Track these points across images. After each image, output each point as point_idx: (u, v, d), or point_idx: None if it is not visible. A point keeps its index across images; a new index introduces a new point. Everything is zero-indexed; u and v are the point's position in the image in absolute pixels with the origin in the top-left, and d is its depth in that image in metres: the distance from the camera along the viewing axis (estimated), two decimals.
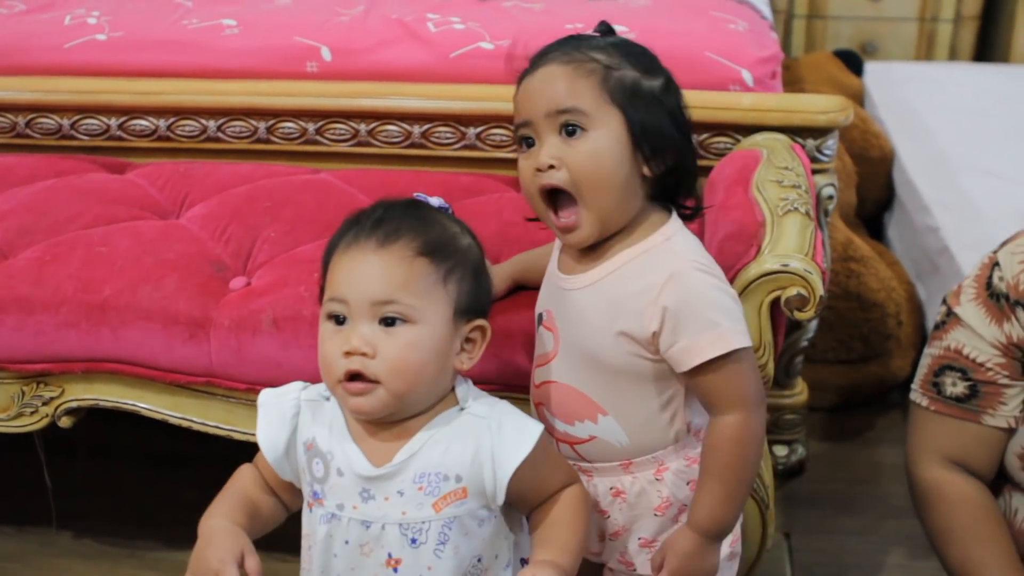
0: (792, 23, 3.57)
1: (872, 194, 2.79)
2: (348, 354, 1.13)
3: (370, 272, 1.13)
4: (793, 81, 3.00)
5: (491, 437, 1.17)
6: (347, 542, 1.19)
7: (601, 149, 1.19)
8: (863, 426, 2.30)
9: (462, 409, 1.20)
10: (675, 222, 1.27)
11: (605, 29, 1.30)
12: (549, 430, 1.32)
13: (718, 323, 1.20)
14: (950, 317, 1.46)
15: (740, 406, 1.22)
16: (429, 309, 1.14)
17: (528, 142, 1.23)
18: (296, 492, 1.27)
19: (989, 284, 1.43)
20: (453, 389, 1.22)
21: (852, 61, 3.25)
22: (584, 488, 1.26)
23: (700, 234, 1.60)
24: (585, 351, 1.27)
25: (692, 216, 1.30)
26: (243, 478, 1.29)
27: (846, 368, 2.32)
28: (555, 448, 1.32)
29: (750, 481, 1.27)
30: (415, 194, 1.25)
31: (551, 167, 1.20)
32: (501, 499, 1.18)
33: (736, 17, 2.15)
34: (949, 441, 1.47)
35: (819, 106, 1.83)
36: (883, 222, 2.88)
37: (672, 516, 1.32)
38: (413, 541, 1.17)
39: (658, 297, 1.20)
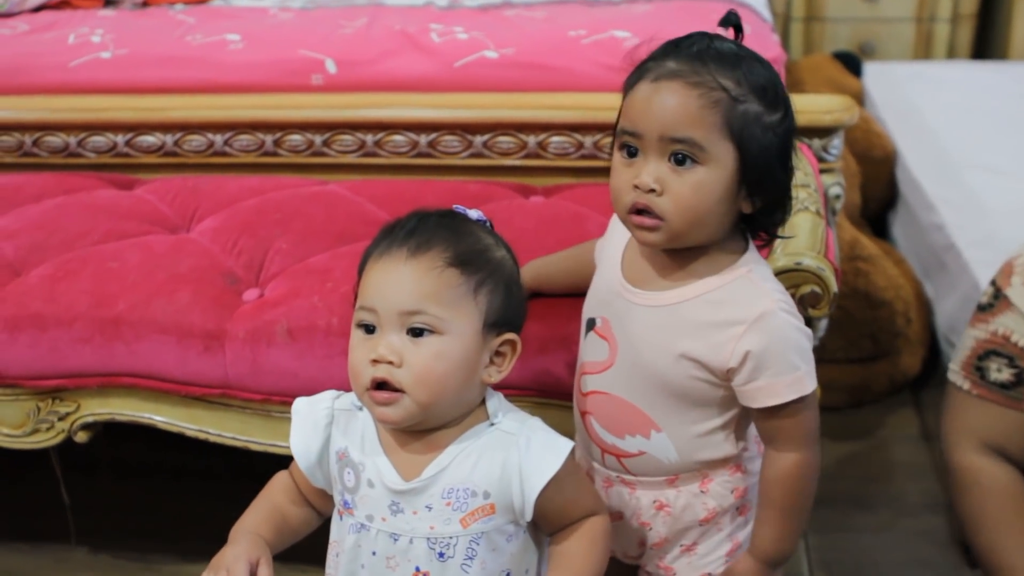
0: (790, 25, 3.58)
1: (876, 194, 2.79)
2: (375, 362, 1.12)
3: (399, 282, 1.13)
4: (793, 84, 3.01)
5: (519, 454, 1.16)
6: (374, 553, 1.19)
7: (707, 186, 1.15)
8: (875, 425, 2.31)
9: (492, 424, 1.19)
10: (753, 249, 1.25)
11: (734, 22, 1.22)
12: (595, 440, 1.32)
13: (797, 367, 1.19)
14: (999, 299, 1.41)
15: (803, 445, 1.24)
16: (458, 320, 1.13)
17: (630, 150, 1.18)
18: (329, 498, 1.27)
19: None
20: (484, 403, 1.21)
21: (851, 62, 3.26)
22: (607, 520, 1.25)
23: None
24: (647, 368, 1.24)
25: (767, 243, 1.27)
26: (276, 489, 1.29)
27: (856, 367, 2.32)
28: (584, 472, 1.31)
29: (808, 511, 1.28)
30: (454, 206, 1.23)
31: (652, 190, 1.15)
32: (529, 516, 1.17)
33: None
34: (989, 427, 1.44)
35: (824, 106, 1.84)
36: (887, 221, 2.88)
37: (715, 523, 1.32)
38: (441, 555, 1.17)
39: (743, 336, 1.18)
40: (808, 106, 1.84)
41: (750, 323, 1.18)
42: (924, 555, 1.91)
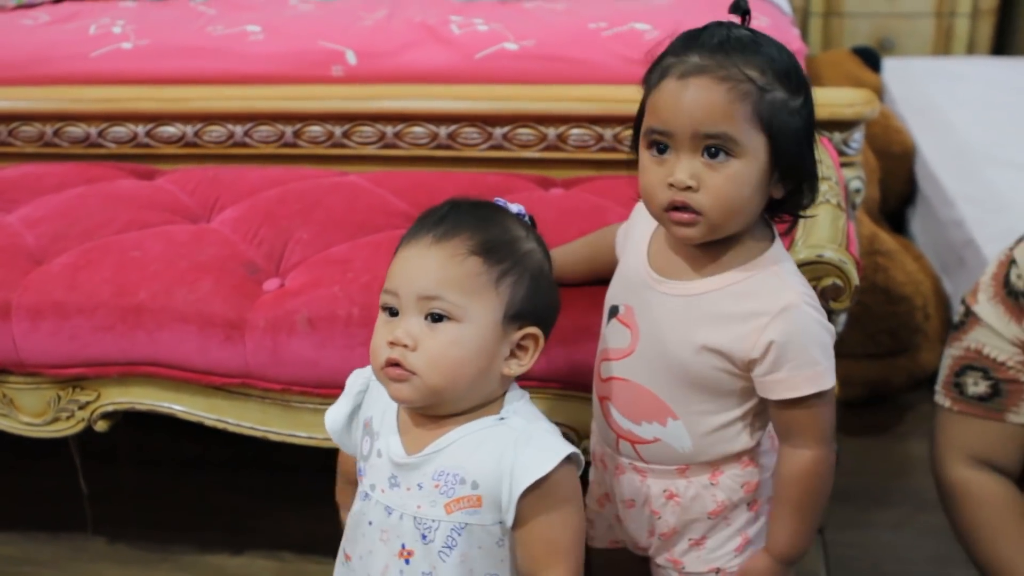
0: (809, 21, 3.57)
1: (895, 189, 2.79)
2: (392, 344, 1.14)
3: (421, 267, 1.14)
4: (812, 79, 2.96)
5: (515, 451, 1.14)
6: (371, 523, 1.20)
7: (743, 177, 1.15)
8: (893, 420, 2.30)
9: (502, 419, 1.18)
10: (779, 243, 1.25)
11: (744, 9, 1.23)
12: (612, 426, 1.32)
13: (818, 362, 1.20)
14: (969, 317, 1.47)
15: (817, 442, 1.24)
16: (476, 309, 1.13)
17: (660, 147, 1.18)
18: None
19: (1007, 282, 1.43)
20: (504, 396, 1.20)
21: (870, 57, 3.25)
22: None
23: None
24: (668, 356, 1.25)
25: (790, 228, 1.28)
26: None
27: (875, 362, 2.32)
28: (578, 507, 1.21)
29: (823, 509, 1.28)
30: (496, 199, 1.24)
31: (688, 187, 1.16)
32: (511, 516, 1.14)
33: (757, 12, 2.11)
34: (974, 440, 1.47)
35: (845, 99, 1.83)
36: (906, 217, 2.88)
37: (724, 517, 1.32)
38: (424, 537, 1.17)
39: (767, 327, 1.18)
40: (829, 99, 1.84)
41: (774, 315, 1.18)
42: (942, 551, 1.90)
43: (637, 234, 1.32)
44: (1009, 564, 1.43)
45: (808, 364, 1.19)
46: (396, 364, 1.14)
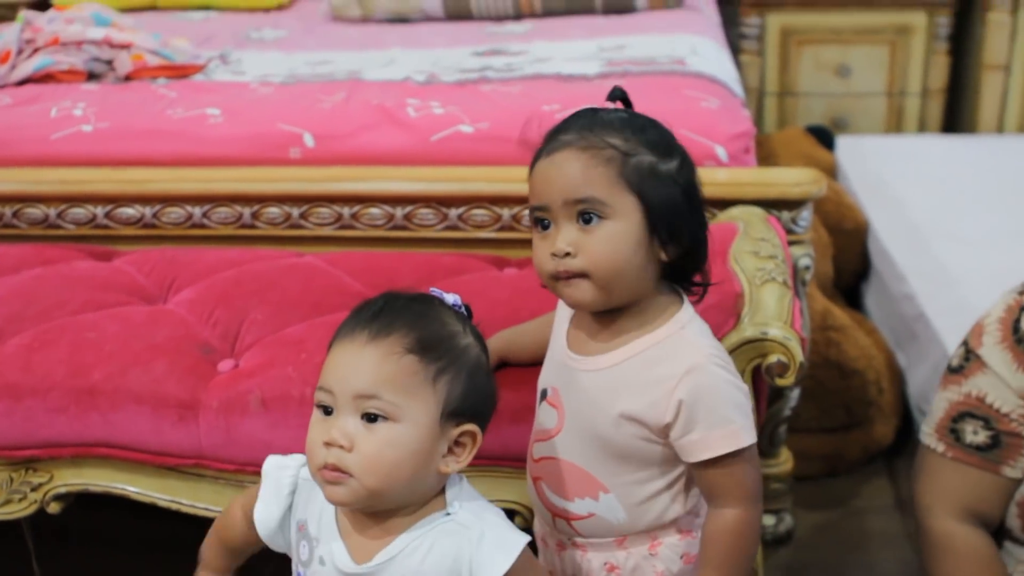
0: (764, 100, 3.65)
1: (848, 265, 2.83)
2: (328, 444, 1.12)
3: (357, 365, 1.12)
4: (766, 157, 3.06)
5: (471, 549, 1.13)
6: None
7: (618, 237, 1.20)
8: (849, 494, 2.32)
9: (448, 514, 1.17)
10: (688, 308, 1.28)
11: (619, 95, 1.29)
12: (546, 505, 1.34)
13: (732, 419, 1.22)
14: (971, 360, 1.42)
15: (741, 501, 1.25)
16: (413, 408, 1.12)
17: (543, 224, 1.24)
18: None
19: (1016, 329, 1.39)
20: (444, 491, 1.19)
21: (823, 136, 3.33)
22: None
23: None
24: (592, 431, 1.27)
25: (701, 295, 1.30)
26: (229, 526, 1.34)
27: (829, 436, 2.34)
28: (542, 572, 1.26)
29: (748, 572, 1.29)
30: (431, 289, 1.23)
31: (567, 254, 1.21)
32: None
33: (708, 95, 2.20)
34: (965, 490, 1.44)
35: (793, 179, 1.88)
36: (860, 292, 2.92)
37: None
38: None
39: (675, 389, 1.21)
40: (777, 179, 1.88)
41: (681, 376, 1.22)
42: None
43: (560, 317, 1.36)
44: None
45: (720, 423, 1.22)
46: (333, 468, 1.12)
